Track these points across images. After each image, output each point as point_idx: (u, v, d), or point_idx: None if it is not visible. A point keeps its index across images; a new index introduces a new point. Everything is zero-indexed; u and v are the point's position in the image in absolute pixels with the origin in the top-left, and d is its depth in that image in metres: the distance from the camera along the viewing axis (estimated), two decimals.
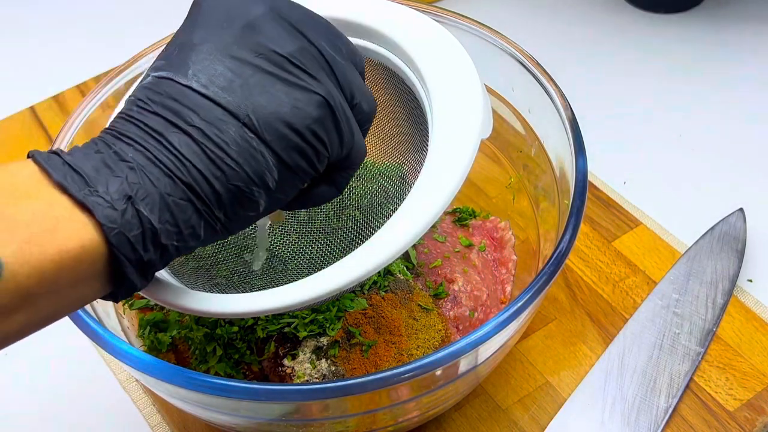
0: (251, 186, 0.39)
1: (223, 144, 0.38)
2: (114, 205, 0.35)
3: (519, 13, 0.95)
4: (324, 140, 0.40)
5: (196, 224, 0.38)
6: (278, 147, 0.39)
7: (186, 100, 0.38)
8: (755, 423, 0.58)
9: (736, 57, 0.88)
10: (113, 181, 0.36)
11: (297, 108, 0.39)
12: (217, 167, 0.38)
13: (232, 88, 0.38)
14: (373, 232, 0.51)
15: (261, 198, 0.39)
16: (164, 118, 0.38)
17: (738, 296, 0.65)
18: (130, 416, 0.62)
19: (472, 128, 0.46)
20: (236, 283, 0.52)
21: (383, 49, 0.51)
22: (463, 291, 0.61)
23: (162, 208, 0.37)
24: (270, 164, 0.39)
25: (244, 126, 0.38)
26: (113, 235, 0.35)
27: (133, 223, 0.36)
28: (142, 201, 0.36)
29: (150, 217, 0.36)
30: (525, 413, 0.60)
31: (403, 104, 0.53)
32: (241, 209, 0.39)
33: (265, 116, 0.38)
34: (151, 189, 0.36)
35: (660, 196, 0.74)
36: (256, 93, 0.38)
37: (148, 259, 0.37)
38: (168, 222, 0.37)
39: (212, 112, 0.38)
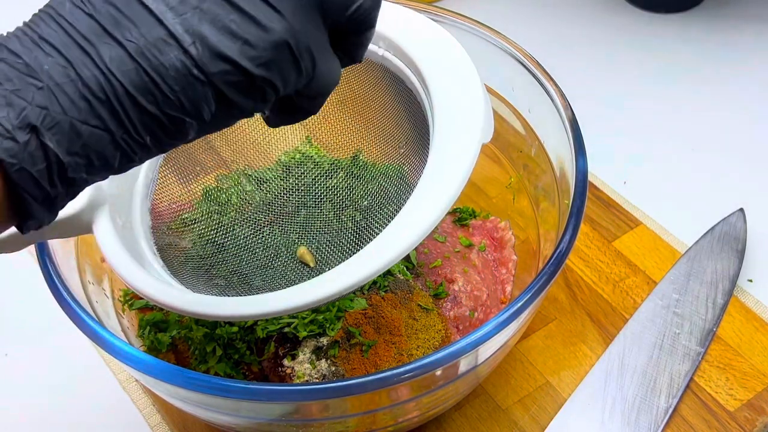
0: (184, 116, 0.35)
1: (161, 67, 0.34)
2: (15, 135, 0.32)
3: (519, 13, 0.95)
4: (274, 82, 0.36)
5: (110, 155, 0.34)
6: (220, 82, 0.35)
7: (128, 9, 0.34)
8: (755, 423, 0.58)
9: (736, 57, 0.88)
10: (16, 104, 0.32)
11: (248, 45, 0.35)
12: (149, 92, 0.34)
13: (183, 8, 0.34)
14: (373, 233, 0.51)
15: (191, 128, 0.36)
16: (99, 23, 0.34)
17: (738, 296, 0.65)
18: (130, 416, 0.62)
19: (473, 132, 0.46)
20: (236, 284, 0.52)
21: (384, 51, 0.51)
22: (463, 291, 0.61)
23: (72, 139, 0.33)
24: (208, 96, 0.35)
25: (187, 53, 0.34)
26: (14, 171, 0.32)
27: (36, 156, 0.32)
28: (48, 131, 0.32)
29: (57, 151, 0.32)
30: (525, 413, 0.60)
31: (403, 105, 0.53)
32: (167, 138, 0.36)
33: (212, 48, 0.34)
34: (60, 116, 0.32)
35: (660, 196, 0.74)
36: (207, 20, 0.34)
37: (54, 194, 0.34)
38: (77, 154, 0.33)
39: (155, 30, 0.34)
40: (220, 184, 0.57)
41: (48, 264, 0.50)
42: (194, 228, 0.54)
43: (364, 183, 0.56)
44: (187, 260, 0.52)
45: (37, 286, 0.51)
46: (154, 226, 0.52)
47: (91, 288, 0.55)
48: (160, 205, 0.54)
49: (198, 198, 0.56)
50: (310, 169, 0.58)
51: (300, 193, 0.57)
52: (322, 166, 0.58)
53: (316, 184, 0.57)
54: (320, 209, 0.56)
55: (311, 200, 0.57)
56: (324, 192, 0.57)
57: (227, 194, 0.57)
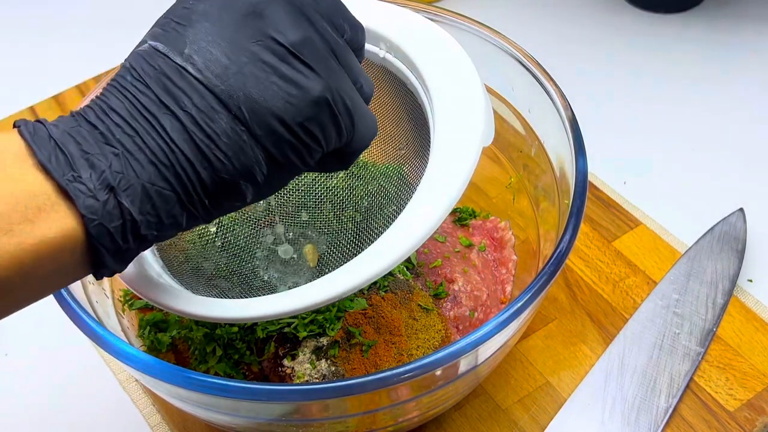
0: (239, 179, 0.38)
1: (213, 134, 0.37)
2: (96, 195, 0.35)
3: (519, 13, 0.95)
4: (318, 137, 0.39)
5: (178, 214, 0.37)
6: (268, 142, 0.38)
7: (180, 81, 0.37)
8: (755, 423, 0.58)
9: (736, 57, 0.88)
10: (97, 166, 0.35)
11: (290, 104, 0.37)
12: (205, 158, 0.37)
13: (226, 75, 0.37)
14: (373, 234, 0.51)
15: (248, 191, 0.39)
16: (157, 97, 0.37)
17: (738, 296, 0.65)
18: (130, 416, 0.62)
19: (474, 136, 0.46)
20: (236, 284, 0.52)
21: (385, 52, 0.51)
22: (463, 291, 0.61)
23: (144, 200, 0.36)
24: (259, 159, 0.38)
25: (236, 118, 0.37)
26: (93, 226, 0.35)
27: (114, 214, 0.35)
28: (124, 192, 0.35)
29: (131, 209, 0.36)
30: (525, 413, 0.60)
31: (404, 107, 0.53)
32: (226, 201, 0.39)
33: (257, 110, 0.37)
34: (134, 179, 0.35)
35: (660, 196, 0.74)
36: (250, 84, 0.37)
37: (126, 248, 0.37)
38: (149, 213, 0.36)
39: (205, 98, 0.37)
40: None
41: None
42: (194, 228, 0.54)
43: (364, 183, 0.56)
44: (187, 260, 0.52)
45: None
46: None
47: (91, 288, 0.55)
48: None
49: None
50: None
51: (300, 194, 0.57)
52: None
53: (316, 185, 0.57)
54: (320, 210, 0.56)
55: (311, 201, 0.57)
56: (324, 192, 0.57)
57: None
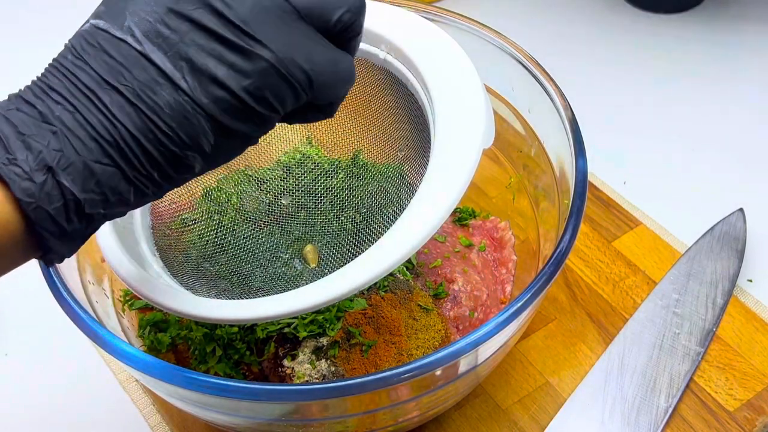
0: (185, 150, 0.37)
1: (156, 106, 0.35)
2: (32, 176, 0.34)
3: (519, 13, 0.95)
4: (270, 103, 0.37)
5: (124, 190, 0.36)
6: (215, 111, 0.36)
7: (120, 55, 0.36)
8: (755, 423, 0.58)
9: (736, 57, 0.88)
10: (34, 147, 0.34)
11: (234, 71, 0.36)
12: (149, 131, 0.36)
13: (167, 45, 0.36)
14: (373, 234, 0.51)
15: (196, 162, 0.37)
16: (97, 72, 0.36)
17: (738, 296, 0.65)
18: (130, 416, 0.62)
19: (474, 138, 0.46)
20: (235, 284, 0.52)
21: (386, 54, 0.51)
22: (463, 291, 0.61)
23: (86, 178, 0.35)
24: (205, 128, 0.36)
25: (179, 89, 0.36)
26: (31, 209, 0.34)
27: (53, 195, 0.34)
28: (63, 171, 0.34)
29: (72, 188, 0.34)
30: (525, 413, 0.60)
31: (404, 108, 0.53)
32: (175, 173, 0.37)
33: (200, 79, 0.36)
34: (74, 157, 0.34)
35: (660, 196, 0.74)
36: (192, 52, 0.36)
37: (72, 230, 0.36)
38: (93, 191, 0.35)
39: (146, 71, 0.36)
40: (220, 185, 0.57)
41: None
42: (194, 228, 0.54)
43: (364, 183, 0.56)
44: (186, 261, 0.52)
45: (38, 286, 0.51)
46: (155, 226, 0.52)
47: (91, 288, 0.55)
48: (160, 205, 0.54)
49: (198, 198, 0.56)
50: (310, 170, 0.58)
51: (300, 194, 0.57)
52: (322, 166, 0.58)
53: (316, 185, 0.57)
54: (320, 210, 0.56)
55: (311, 201, 0.57)
56: (324, 192, 0.57)
57: (227, 194, 0.57)
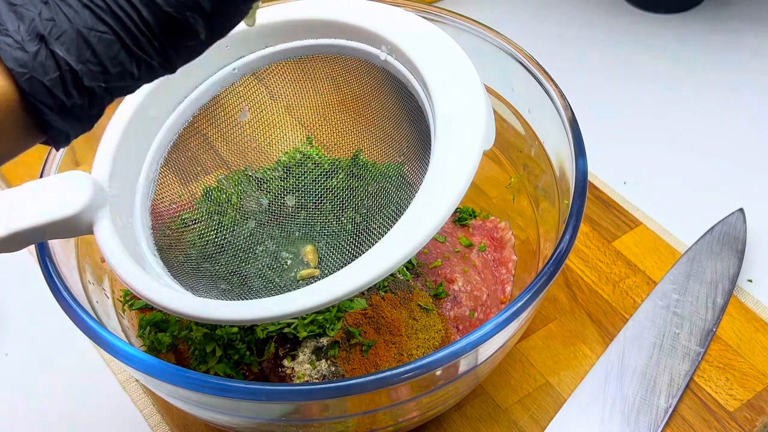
0: (183, 11, 0.34)
1: None
2: (24, 46, 0.32)
3: (519, 13, 0.95)
4: None
5: (125, 61, 0.34)
6: None
7: None
8: (755, 423, 0.58)
9: (736, 57, 0.88)
10: (26, 16, 0.33)
11: None
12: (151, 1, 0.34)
13: None
14: (373, 235, 0.51)
15: (198, 24, 0.35)
16: None
17: (738, 296, 0.65)
18: (130, 416, 0.62)
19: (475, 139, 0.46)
20: (235, 284, 0.52)
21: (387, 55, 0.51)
22: (463, 291, 0.61)
23: (81, 47, 0.33)
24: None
25: None
26: (24, 80, 0.32)
27: (48, 65, 0.33)
28: (57, 40, 0.33)
29: (67, 58, 0.33)
30: (525, 413, 0.60)
31: (405, 108, 0.53)
32: (178, 39, 0.35)
33: None
34: (66, 25, 0.33)
35: (660, 196, 0.74)
36: None
37: (72, 104, 0.34)
38: (90, 61, 0.33)
39: None
40: (220, 185, 0.57)
41: (48, 264, 0.50)
42: (194, 228, 0.54)
43: (364, 184, 0.56)
44: (187, 261, 0.52)
45: (38, 286, 0.51)
46: (155, 226, 0.52)
47: (91, 288, 0.55)
48: (160, 205, 0.54)
49: (198, 198, 0.56)
50: (310, 170, 0.58)
51: (300, 194, 0.57)
52: (323, 166, 0.58)
53: (316, 185, 0.57)
54: (320, 210, 0.57)
55: (311, 201, 0.57)
56: (324, 192, 0.57)
57: (227, 194, 0.57)
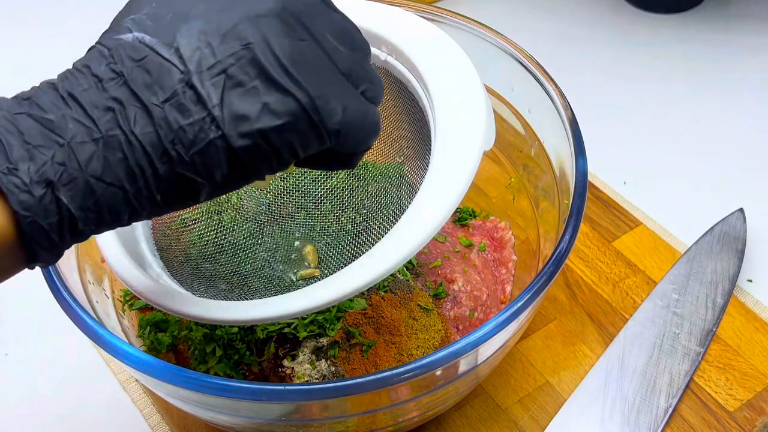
0: (197, 178, 0.36)
1: (180, 131, 0.35)
2: (31, 189, 0.33)
3: (519, 13, 0.95)
4: (292, 146, 0.37)
5: (122, 211, 0.35)
6: (235, 144, 0.35)
7: (160, 75, 0.35)
8: (755, 423, 0.58)
9: (736, 57, 0.88)
10: (38, 158, 0.33)
11: (268, 111, 0.35)
12: (166, 153, 0.35)
13: (210, 73, 0.35)
14: (373, 235, 0.51)
15: (203, 189, 0.36)
16: (130, 88, 0.35)
17: (738, 296, 0.65)
18: (130, 416, 0.62)
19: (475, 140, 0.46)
20: (235, 284, 0.52)
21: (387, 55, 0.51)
22: (463, 291, 0.61)
23: (86, 196, 0.34)
24: (222, 160, 0.36)
25: (210, 117, 0.35)
26: (27, 222, 0.33)
27: (50, 210, 0.33)
28: (64, 187, 0.33)
29: (70, 206, 0.34)
30: (525, 413, 0.60)
31: (405, 109, 0.53)
32: (178, 199, 0.37)
33: (233, 112, 0.35)
34: (77, 173, 0.34)
35: (660, 196, 0.74)
36: (231, 85, 0.35)
37: (61, 245, 0.35)
38: (90, 210, 0.34)
39: (183, 95, 0.35)
40: None
41: None
42: (194, 228, 0.54)
43: (364, 184, 0.56)
44: (186, 261, 0.52)
45: (37, 286, 0.51)
46: (155, 226, 0.52)
47: (91, 288, 0.55)
48: None
49: None
50: (310, 170, 0.58)
51: (300, 194, 0.57)
52: None
53: (316, 185, 0.57)
54: (320, 210, 0.56)
55: (311, 201, 0.57)
56: (324, 193, 0.57)
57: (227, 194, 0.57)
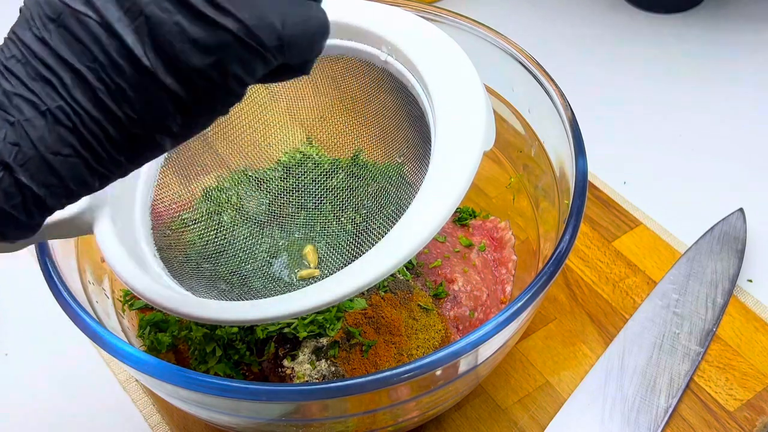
0: (153, 132, 0.34)
1: (119, 89, 0.33)
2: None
3: (518, 13, 0.95)
4: (237, 76, 0.34)
5: (88, 179, 0.34)
6: (178, 90, 0.33)
7: (81, 31, 0.33)
8: (755, 423, 0.58)
9: (736, 57, 0.88)
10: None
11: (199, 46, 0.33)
12: (113, 115, 0.33)
13: (131, 13, 0.32)
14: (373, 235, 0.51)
15: (164, 141, 0.35)
16: (58, 54, 0.33)
17: (738, 296, 0.65)
18: (130, 416, 0.62)
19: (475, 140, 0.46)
20: (235, 285, 0.52)
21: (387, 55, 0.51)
22: (463, 291, 0.61)
23: (47, 172, 0.33)
24: (171, 109, 0.34)
25: (142, 68, 0.33)
26: None
27: (11, 192, 0.32)
28: (21, 167, 0.32)
29: (31, 185, 0.33)
30: (525, 413, 0.60)
31: (405, 109, 0.53)
32: (143, 154, 0.35)
33: (163, 56, 0.33)
34: (31, 151, 0.32)
35: (660, 196, 0.74)
36: (154, 22, 0.32)
37: (29, 222, 0.34)
38: (53, 185, 0.33)
39: (109, 48, 0.32)
40: (220, 185, 0.57)
41: (48, 264, 0.50)
42: (194, 228, 0.54)
43: (364, 184, 0.56)
44: (187, 261, 0.52)
45: (38, 286, 0.51)
46: (155, 226, 0.52)
47: (91, 288, 0.55)
48: (160, 205, 0.54)
49: (198, 198, 0.56)
50: (310, 170, 0.58)
51: (300, 194, 0.57)
52: (323, 166, 0.58)
53: (316, 185, 0.57)
54: (320, 210, 0.57)
55: (311, 201, 0.57)
56: (324, 193, 0.57)
57: (227, 194, 0.57)
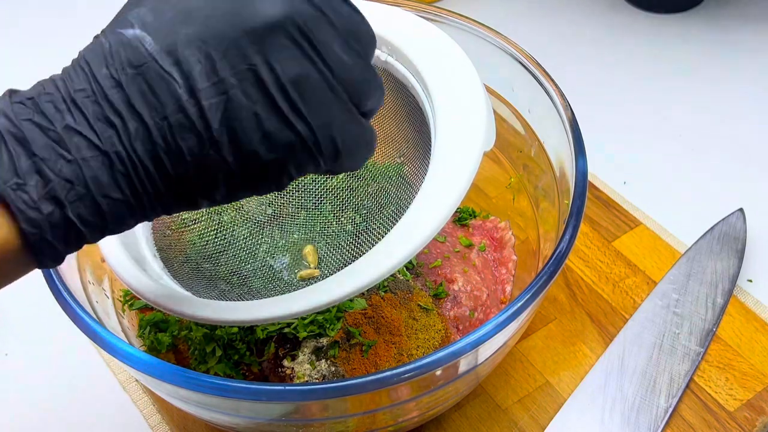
0: (197, 196, 0.36)
1: (180, 151, 0.34)
2: (40, 207, 0.33)
3: (519, 13, 0.95)
4: (289, 173, 0.37)
5: (128, 220, 0.36)
6: (236, 170, 0.35)
7: (159, 86, 0.34)
8: (755, 423, 0.58)
9: (736, 57, 0.88)
10: (45, 174, 0.33)
11: (267, 140, 0.35)
12: (166, 171, 0.35)
13: (211, 92, 0.34)
14: (373, 235, 0.51)
15: (203, 204, 0.37)
16: (130, 101, 0.34)
17: (738, 296, 0.65)
18: (130, 416, 0.62)
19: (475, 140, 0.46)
20: (235, 285, 0.52)
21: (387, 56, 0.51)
22: (463, 291, 0.61)
23: (93, 211, 0.34)
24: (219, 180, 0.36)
25: (211, 139, 0.34)
26: (32, 236, 0.33)
27: (57, 225, 0.33)
28: (71, 204, 0.33)
29: (76, 221, 0.34)
30: (525, 413, 0.60)
31: (405, 109, 0.53)
32: (180, 208, 0.37)
33: (233, 135, 0.34)
34: (83, 191, 0.33)
35: (660, 196, 0.74)
36: (232, 107, 0.34)
37: (67, 251, 0.35)
38: (95, 222, 0.34)
39: (184, 111, 0.34)
40: None
41: None
42: (194, 228, 0.54)
43: (364, 184, 0.56)
44: (187, 261, 0.52)
45: (37, 286, 0.51)
46: (155, 226, 0.52)
47: (91, 288, 0.55)
48: None
49: None
50: None
51: (300, 194, 0.57)
52: None
53: (316, 185, 0.57)
54: (320, 210, 0.57)
55: (311, 201, 0.57)
56: (324, 192, 0.57)
57: None
